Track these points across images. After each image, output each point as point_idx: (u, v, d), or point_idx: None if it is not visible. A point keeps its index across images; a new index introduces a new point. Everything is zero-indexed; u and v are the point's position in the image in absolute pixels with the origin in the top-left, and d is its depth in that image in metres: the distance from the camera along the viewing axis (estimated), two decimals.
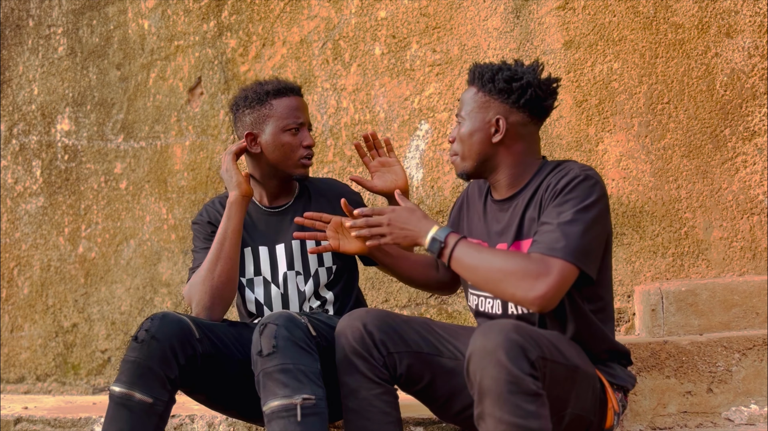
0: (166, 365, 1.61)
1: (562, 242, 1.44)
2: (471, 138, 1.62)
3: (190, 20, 3.02)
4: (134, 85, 3.11)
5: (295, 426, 1.49)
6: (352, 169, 2.75)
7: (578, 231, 1.46)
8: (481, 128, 1.61)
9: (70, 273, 3.15)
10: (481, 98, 1.62)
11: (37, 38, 3.29)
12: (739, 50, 2.37)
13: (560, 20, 2.52)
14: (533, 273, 1.42)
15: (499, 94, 1.60)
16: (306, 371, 1.53)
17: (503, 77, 1.59)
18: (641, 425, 1.90)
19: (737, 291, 2.11)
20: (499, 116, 1.60)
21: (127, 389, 1.60)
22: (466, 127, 1.63)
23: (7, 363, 3.25)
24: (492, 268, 1.46)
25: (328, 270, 1.93)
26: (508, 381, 1.27)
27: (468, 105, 1.63)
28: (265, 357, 1.54)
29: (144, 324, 1.65)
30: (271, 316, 1.60)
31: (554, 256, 1.43)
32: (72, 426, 2.31)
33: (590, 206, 1.49)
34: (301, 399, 1.50)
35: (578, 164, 1.58)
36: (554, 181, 1.55)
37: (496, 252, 1.51)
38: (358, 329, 1.56)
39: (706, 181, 2.38)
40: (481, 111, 1.61)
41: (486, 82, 1.61)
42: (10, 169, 3.29)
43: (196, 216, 1.99)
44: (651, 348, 1.92)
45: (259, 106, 1.90)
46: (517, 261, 1.45)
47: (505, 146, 1.61)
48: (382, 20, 2.74)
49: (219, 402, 1.82)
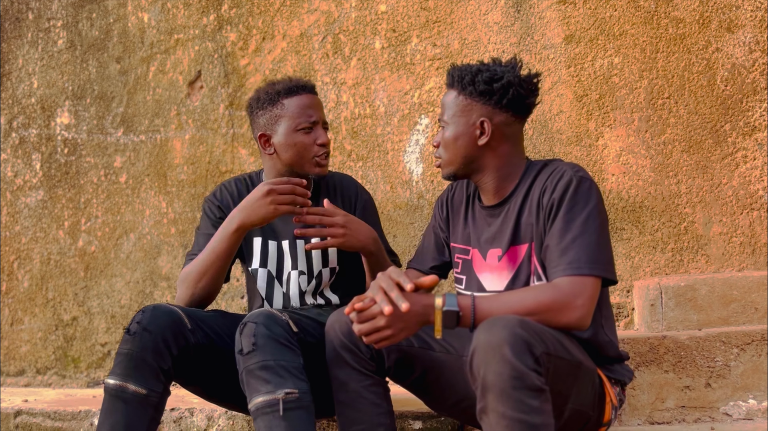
0: (159, 356, 1.62)
1: (583, 258, 1.45)
2: (456, 142, 1.61)
3: (190, 13, 3.02)
4: (134, 78, 3.10)
5: (279, 420, 1.50)
6: (352, 163, 2.75)
7: (594, 242, 1.46)
8: (466, 131, 1.60)
9: (70, 267, 3.15)
10: (462, 101, 1.61)
11: (37, 31, 3.28)
12: (740, 45, 2.36)
13: (561, 14, 2.52)
14: (569, 297, 1.42)
15: (481, 96, 1.59)
16: (287, 366, 1.54)
17: (483, 78, 1.58)
18: (639, 419, 1.91)
19: (736, 286, 2.11)
20: (483, 118, 1.59)
21: (122, 381, 1.61)
22: (449, 131, 1.62)
23: (7, 356, 3.25)
24: (525, 307, 1.42)
25: (332, 271, 1.92)
26: (512, 377, 1.27)
27: (450, 109, 1.62)
28: (246, 355, 1.56)
29: (136, 317, 1.66)
30: (251, 315, 1.62)
31: (582, 274, 1.44)
32: (72, 419, 2.32)
33: (593, 211, 1.49)
34: (283, 393, 1.52)
35: (566, 164, 1.58)
36: (549, 186, 1.54)
37: (518, 292, 1.50)
38: (345, 323, 1.57)
39: (706, 176, 2.37)
40: (464, 114, 1.60)
41: (466, 85, 1.60)
42: (10, 163, 3.29)
43: (210, 194, 1.97)
44: (650, 343, 1.92)
45: (271, 107, 1.88)
46: (547, 293, 1.44)
47: (491, 148, 1.61)
48: (382, 14, 2.74)
49: (214, 394, 1.83)
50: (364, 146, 2.74)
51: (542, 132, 2.52)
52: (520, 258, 1.59)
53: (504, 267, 1.61)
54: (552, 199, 1.52)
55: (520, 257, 1.59)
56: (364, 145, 2.74)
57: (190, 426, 2.16)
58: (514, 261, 1.60)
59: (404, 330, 1.43)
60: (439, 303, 1.42)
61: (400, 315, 1.42)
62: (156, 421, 1.66)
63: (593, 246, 1.46)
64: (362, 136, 2.75)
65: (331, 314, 1.62)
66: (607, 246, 1.49)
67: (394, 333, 1.43)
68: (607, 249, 1.49)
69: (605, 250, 1.48)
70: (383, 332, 1.43)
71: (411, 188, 2.67)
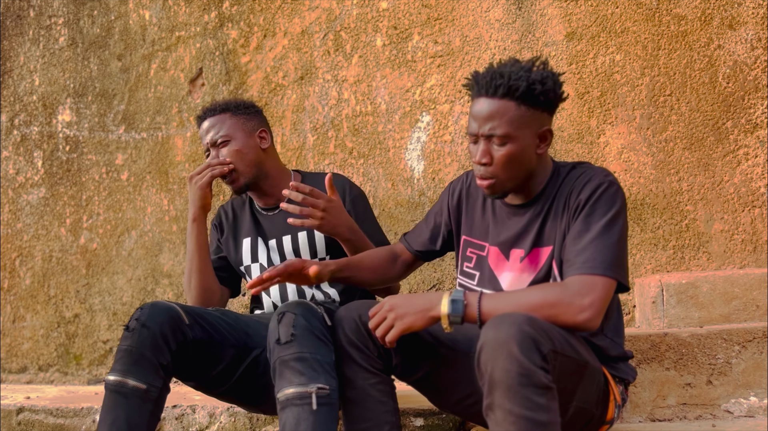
0: (157, 351, 1.64)
1: (598, 258, 1.43)
2: (522, 156, 1.51)
3: (191, 11, 3.01)
4: (135, 75, 3.10)
5: (309, 414, 1.51)
6: (354, 160, 2.75)
7: (611, 245, 1.45)
8: (531, 142, 1.51)
9: (71, 264, 3.16)
10: (526, 112, 1.48)
11: (38, 29, 3.28)
12: (742, 42, 2.36)
13: (562, 12, 2.52)
14: (577, 296, 1.41)
15: (544, 105, 1.50)
16: (321, 361, 1.55)
17: (551, 87, 1.48)
18: (641, 417, 1.91)
19: (738, 283, 2.11)
20: (546, 127, 1.52)
21: (121, 377, 1.62)
22: (514, 146, 1.49)
23: (9, 354, 3.26)
24: (534, 305, 1.41)
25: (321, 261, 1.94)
26: (519, 374, 1.27)
27: (513, 122, 1.48)
28: (282, 345, 1.56)
29: (134, 314, 1.68)
30: (289, 305, 1.62)
31: (594, 274, 1.43)
32: (74, 416, 2.33)
33: (616, 216, 1.48)
34: (316, 388, 1.52)
35: (596, 168, 1.55)
36: (578, 187, 1.52)
37: (527, 289, 1.49)
38: (353, 320, 1.57)
39: (707, 173, 2.37)
40: (530, 125, 1.49)
41: (526, 95, 1.47)
42: (12, 160, 3.29)
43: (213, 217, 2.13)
44: (651, 341, 1.92)
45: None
46: (555, 291, 1.43)
47: (541, 156, 1.56)
48: (383, 11, 2.74)
49: (214, 388, 1.83)
50: (366, 143, 2.74)
51: None
52: (542, 261, 1.57)
53: (525, 268, 1.59)
54: (579, 199, 1.51)
55: (542, 260, 1.57)
56: (366, 143, 2.74)
57: (192, 423, 2.16)
58: (535, 263, 1.58)
59: (408, 316, 1.45)
60: (446, 295, 1.44)
61: (399, 298, 1.47)
62: (156, 416, 1.67)
63: (610, 248, 1.45)
64: (363, 134, 2.74)
65: (339, 310, 1.63)
66: (623, 252, 1.48)
67: (398, 316, 1.46)
68: (624, 255, 1.48)
69: (621, 255, 1.47)
70: (389, 317, 1.46)
71: (412, 185, 2.67)
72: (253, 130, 1.99)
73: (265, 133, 2.01)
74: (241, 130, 1.97)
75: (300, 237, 1.96)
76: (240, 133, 1.97)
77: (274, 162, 2.03)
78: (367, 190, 2.71)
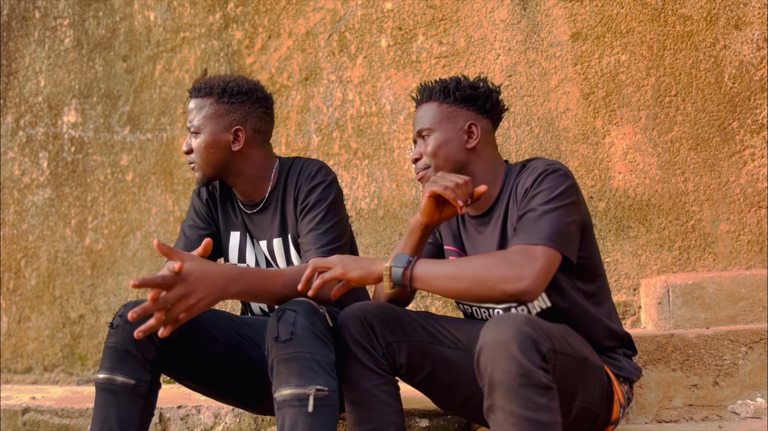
0: (142, 346, 1.63)
1: (541, 229, 1.46)
2: (446, 146, 1.63)
3: (196, 12, 3.02)
4: (140, 76, 3.11)
5: (306, 416, 1.48)
6: (358, 161, 2.74)
7: (554, 218, 1.47)
8: (455, 136, 1.64)
9: (76, 265, 3.16)
10: (446, 108, 1.65)
11: (44, 30, 3.29)
12: (748, 42, 2.35)
13: (567, 12, 2.51)
14: (518, 263, 1.41)
15: (466, 102, 1.64)
16: (321, 361, 1.52)
17: (468, 85, 1.65)
18: (647, 418, 1.90)
19: (744, 284, 2.10)
20: (471, 122, 1.64)
21: (110, 374, 1.62)
22: (436, 138, 1.64)
23: (14, 354, 3.27)
24: (472, 271, 1.43)
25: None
26: (519, 374, 1.27)
27: (434, 117, 1.65)
28: (281, 343, 1.53)
29: (119, 311, 1.67)
30: (290, 303, 1.59)
31: (536, 243, 1.44)
32: (79, 416, 2.33)
33: (561, 194, 1.51)
34: (314, 389, 1.49)
35: (545, 160, 1.60)
36: (523, 179, 1.58)
37: (468, 258, 1.51)
38: (358, 320, 1.57)
39: (713, 174, 2.37)
40: (451, 120, 1.64)
41: (450, 93, 1.64)
42: (17, 161, 3.30)
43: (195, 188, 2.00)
44: (657, 342, 1.92)
45: None
46: (497, 257, 1.45)
47: (477, 153, 1.64)
48: (388, 12, 2.74)
49: (209, 387, 1.82)
50: (370, 144, 2.74)
51: (549, 130, 2.52)
52: None
53: None
54: (524, 188, 1.56)
55: None
56: (370, 143, 2.74)
57: (197, 424, 2.16)
58: None
59: (355, 270, 1.52)
60: (391, 259, 1.51)
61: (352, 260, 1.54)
62: (149, 412, 1.66)
63: (554, 220, 1.47)
64: (368, 134, 2.74)
65: (343, 311, 1.62)
66: (569, 225, 1.49)
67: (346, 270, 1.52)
68: (569, 227, 1.49)
69: (566, 230, 1.48)
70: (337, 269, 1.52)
71: (417, 186, 2.67)
72: (228, 126, 1.80)
73: (241, 132, 1.81)
74: (215, 123, 1.80)
75: (275, 242, 1.87)
76: (212, 126, 1.80)
77: (251, 161, 1.84)
78: (372, 190, 2.71)
